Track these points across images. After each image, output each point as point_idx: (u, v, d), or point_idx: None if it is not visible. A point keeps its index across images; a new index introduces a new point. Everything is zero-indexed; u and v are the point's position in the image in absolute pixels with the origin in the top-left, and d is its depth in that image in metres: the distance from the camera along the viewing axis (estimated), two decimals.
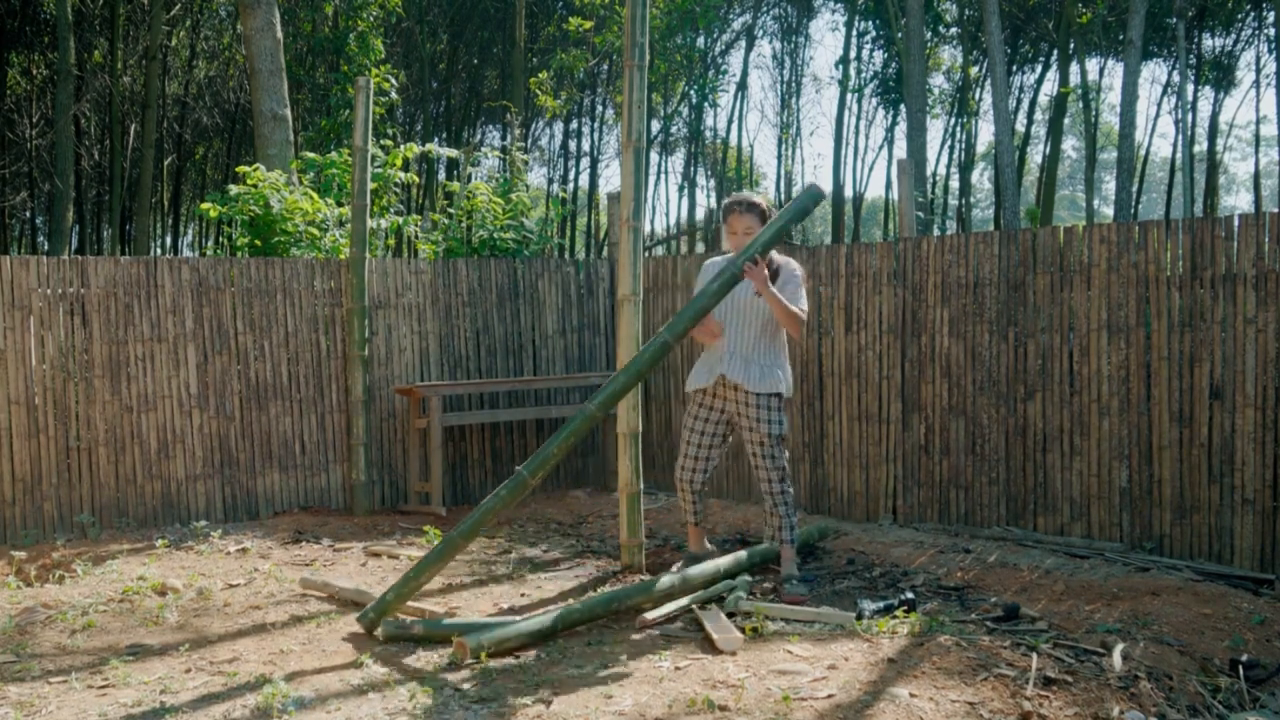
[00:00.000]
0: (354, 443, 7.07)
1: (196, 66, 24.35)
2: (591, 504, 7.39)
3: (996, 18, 14.02)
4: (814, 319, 6.91)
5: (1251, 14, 23.95)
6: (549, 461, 4.50)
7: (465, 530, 4.42)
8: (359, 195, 6.98)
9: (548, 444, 4.53)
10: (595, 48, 20.66)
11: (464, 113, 27.14)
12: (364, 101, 6.93)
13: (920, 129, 14.73)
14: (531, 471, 4.46)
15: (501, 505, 4.45)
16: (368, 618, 4.42)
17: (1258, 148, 28.03)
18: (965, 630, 4.17)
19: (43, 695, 3.76)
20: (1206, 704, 3.66)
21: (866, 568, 5.45)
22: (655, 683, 3.67)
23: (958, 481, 6.27)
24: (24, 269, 6.17)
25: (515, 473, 4.50)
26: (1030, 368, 5.98)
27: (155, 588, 5.11)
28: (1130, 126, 14.13)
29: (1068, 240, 5.87)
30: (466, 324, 7.66)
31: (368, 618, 4.42)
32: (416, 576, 4.39)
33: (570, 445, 4.56)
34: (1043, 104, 30.41)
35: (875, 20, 23.52)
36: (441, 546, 4.42)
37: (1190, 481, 5.46)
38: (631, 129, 5.26)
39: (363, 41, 15.69)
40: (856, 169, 49.81)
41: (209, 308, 6.72)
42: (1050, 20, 22.61)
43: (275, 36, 10.42)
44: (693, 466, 5.25)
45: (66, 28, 16.74)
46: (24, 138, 20.41)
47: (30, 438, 6.15)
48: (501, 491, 4.45)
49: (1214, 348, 5.36)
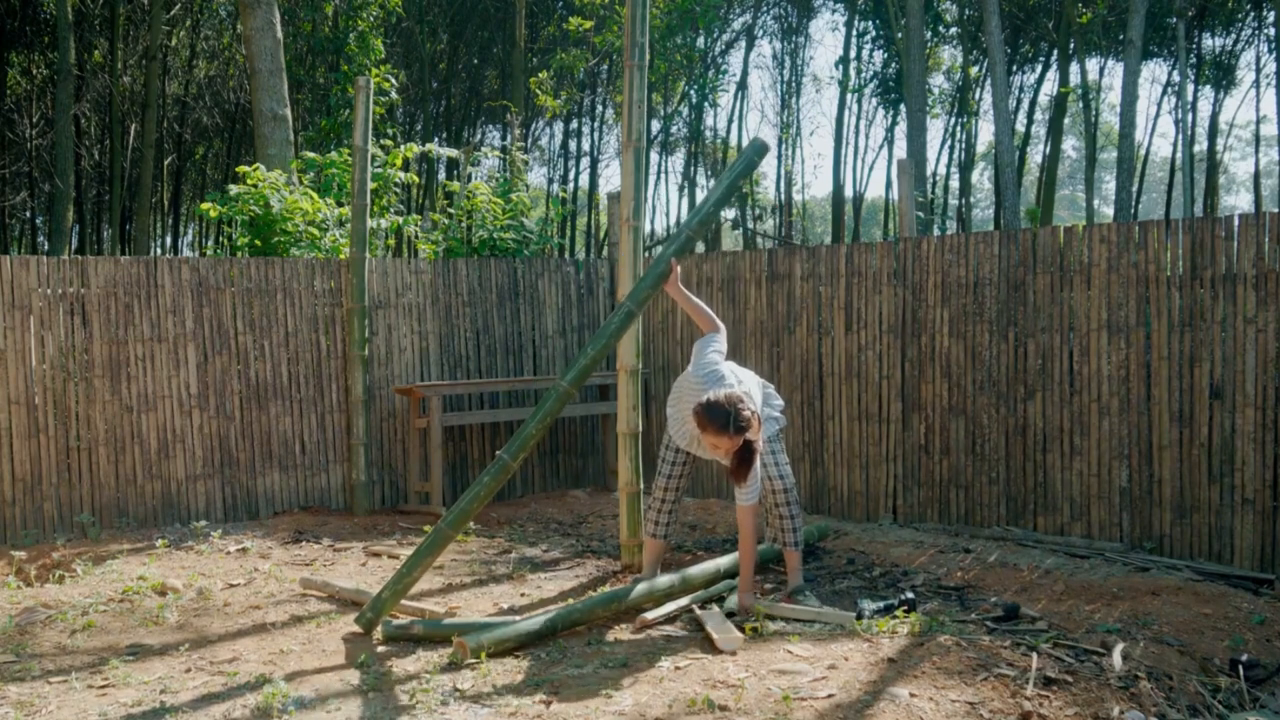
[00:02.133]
0: (354, 443, 7.07)
1: (196, 66, 24.34)
2: (591, 504, 7.39)
3: (996, 18, 14.02)
4: (814, 319, 6.92)
5: (1251, 14, 23.94)
6: (529, 442, 4.46)
7: (453, 520, 4.38)
8: (359, 195, 6.98)
9: (525, 425, 4.49)
10: (595, 48, 20.65)
11: (464, 113, 27.13)
12: (364, 101, 6.93)
13: (920, 129, 14.73)
14: (513, 455, 4.43)
15: (486, 492, 4.41)
16: (365, 618, 4.41)
17: (1258, 148, 28.03)
18: (965, 630, 4.17)
19: (43, 695, 3.76)
20: (1206, 704, 3.66)
21: (866, 568, 5.45)
22: (655, 683, 3.67)
23: (958, 481, 6.27)
24: (24, 269, 6.17)
25: (496, 457, 4.47)
26: (1030, 368, 5.98)
27: (155, 588, 5.11)
28: (1130, 126, 14.13)
29: (1068, 240, 5.87)
30: (466, 324, 7.66)
31: (365, 618, 4.41)
32: (409, 572, 4.38)
33: (547, 424, 4.52)
34: (1043, 104, 30.41)
35: (875, 20, 23.51)
36: (431, 539, 4.39)
37: (1190, 481, 5.46)
38: (631, 129, 5.27)
39: (363, 41, 15.68)
40: (856, 169, 49.81)
41: (209, 308, 6.72)
42: (1050, 20, 22.61)
43: (275, 36, 10.42)
44: (667, 497, 4.98)
45: (66, 28, 16.74)
46: (24, 138, 20.41)
47: (30, 438, 6.15)
48: (485, 478, 4.41)
49: (1214, 348, 5.36)
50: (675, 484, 4.99)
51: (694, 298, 4.96)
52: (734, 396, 4.30)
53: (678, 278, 4.87)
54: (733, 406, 4.25)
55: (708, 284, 7.59)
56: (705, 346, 4.76)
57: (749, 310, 7.32)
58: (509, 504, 7.56)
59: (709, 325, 4.87)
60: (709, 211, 4.92)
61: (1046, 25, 23.00)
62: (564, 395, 4.55)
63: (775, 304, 7.16)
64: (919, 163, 14.38)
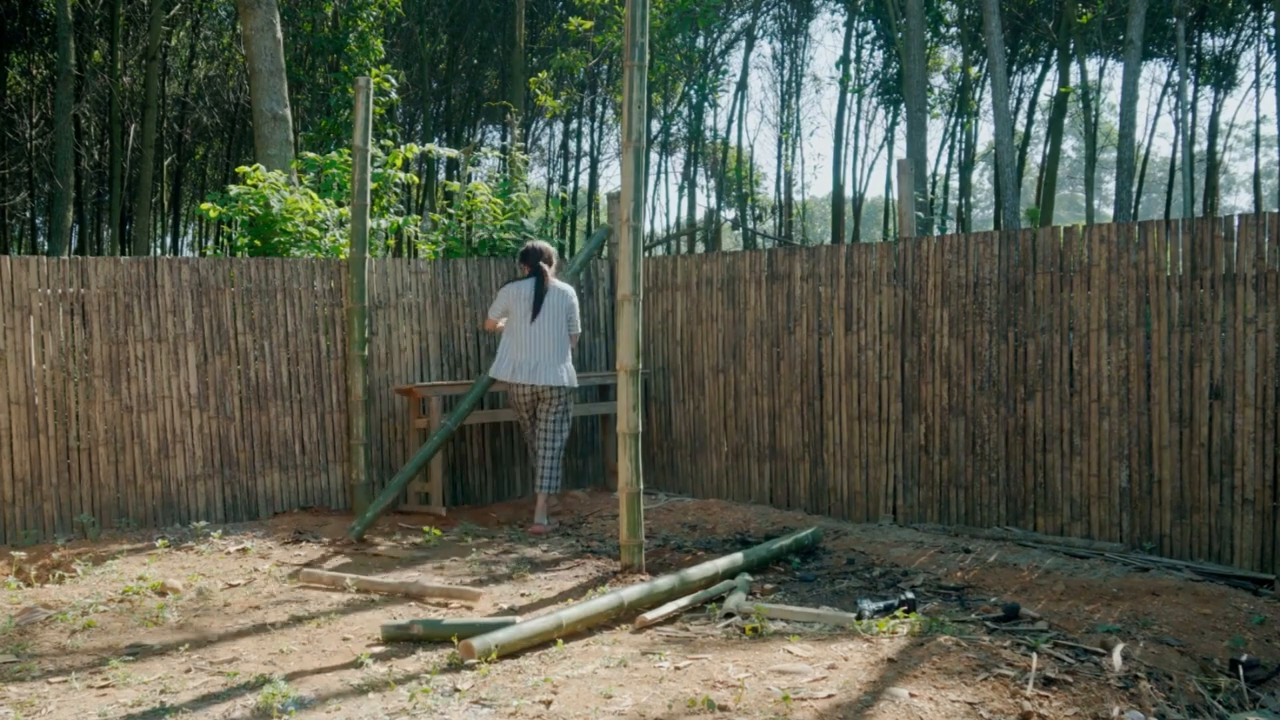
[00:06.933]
0: (354, 443, 7.07)
1: (196, 66, 24.34)
2: (591, 504, 7.38)
3: (996, 18, 14.01)
4: (814, 319, 6.92)
5: (1251, 14, 23.94)
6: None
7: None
8: (359, 195, 6.98)
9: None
10: (595, 48, 20.64)
11: (464, 113, 27.12)
12: (364, 101, 6.93)
13: (920, 129, 14.72)
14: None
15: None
16: (355, 531, 6.09)
17: (1258, 148, 28.01)
18: (965, 630, 4.17)
19: (43, 695, 3.76)
20: (1206, 704, 3.66)
21: (866, 568, 5.45)
22: (655, 683, 3.67)
23: (958, 481, 6.28)
24: (24, 269, 6.17)
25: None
26: (1030, 368, 5.98)
27: (155, 588, 5.11)
28: (1130, 126, 14.12)
29: (1068, 240, 5.87)
30: (466, 324, 7.66)
31: (355, 531, 6.09)
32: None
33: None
34: (1043, 104, 30.40)
35: (875, 20, 23.50)
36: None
37: (1190, 481, 5.46)
38: (631, 129, 5.26)
39: (363, 41, 15.68)
40: (856, 169, 49.83)
41: (209, 308, 6.72)
42: (1050, 20, 22.60)
43: (275, 36, 10.42)
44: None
45: (66, 28, 16.74)
46: (24, 138, 20.40)
47: (30, 438, 6.15)
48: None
49: (1214, 348, 5.36)
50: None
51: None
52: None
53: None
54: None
55: (708, 284, 7.59)
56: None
57: (749, 310, 7.32)
58: (509, 504, 7.56)
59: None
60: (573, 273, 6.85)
61: (1046, 25, 22.99)
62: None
63: (775, 304, 7.16)
64: (919, 163, 14.38)
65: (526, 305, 6.67)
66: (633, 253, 5.29)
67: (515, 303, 6.69)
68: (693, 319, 7.73)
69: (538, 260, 6.72)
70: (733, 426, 7.47)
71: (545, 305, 6.67)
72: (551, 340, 6.69)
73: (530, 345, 6.65)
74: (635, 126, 5.27)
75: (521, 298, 6.69)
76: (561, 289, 6.82)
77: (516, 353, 6.67)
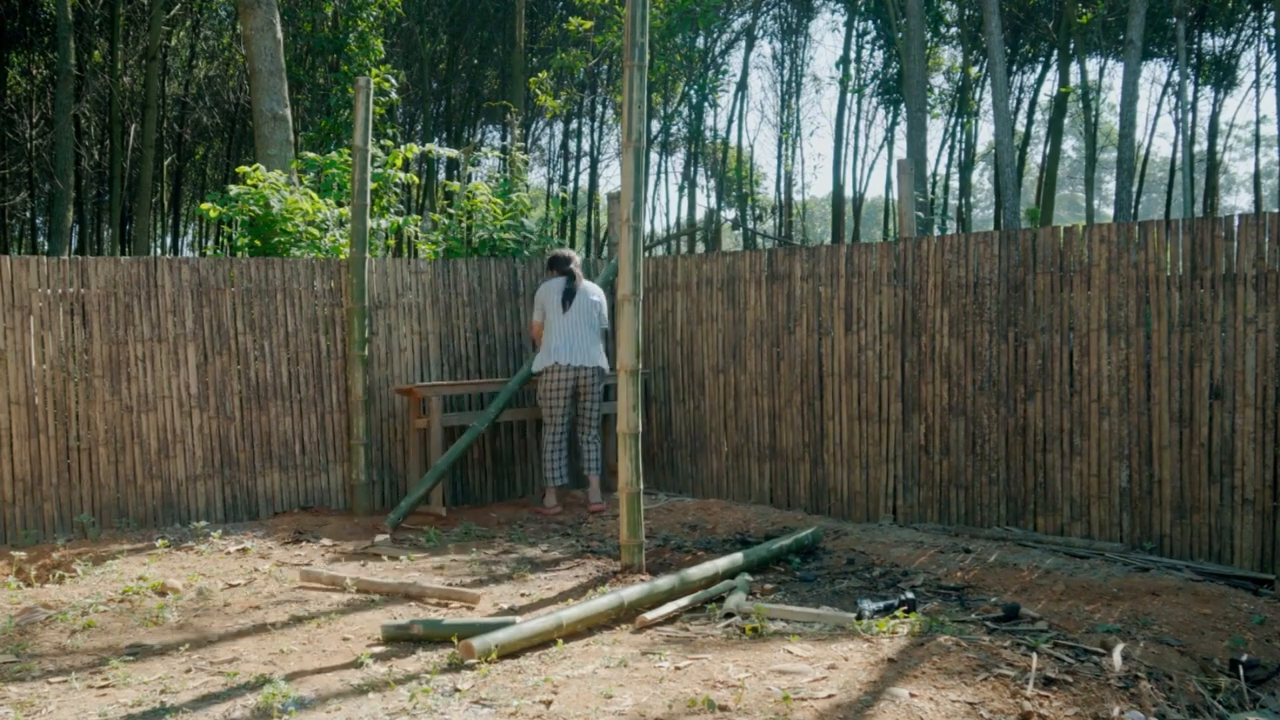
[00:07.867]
0: (354, 443, 7.07)
1: (196, 67, 24.33)
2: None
3: (996, 18, 14.01)
4: (814, 319, 6.92)
5: (1251, 14, 23.94)
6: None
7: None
8: (359, 195, 6.98)
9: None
10: (595, 48, 20.64)
11: (464, 113, 27.12)
12: (364, 101, 6.93)
13: (920, 129, 14.72)
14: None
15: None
16: (391, 520, 6.48)
17: (1258, 148, 28.00)
18: (965, 630, 4.17)
19: (43, 695, 3.76)
20: (1206, 704, 3.66)
21: (866, 568, 5.45)
22: (655, 683, 3.67)
23: (958, 481, 6.28)
24: (24, 269, 6.17)
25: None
26: (1030, 368, 5.98)
27: (155, 588, 5.11)
28: (1130, 126, 14.12)
29: (1068, 240, 5.87)
30: (466, 324, 7.66)
31: (391, 520, 6.48)
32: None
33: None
34: (1043, 104, 30.40)
35: (875, 20, 23.49)
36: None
37: (1190, 481, 5.46)
38: (631, 129, 5.26)
39: (363, 41, 15.68)
40: (856, 169, 49.85)
41: (209, 308, 6.72)
42: (1050, 20, 22.60)
43: (275, 36, 10.42)
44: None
45: (66, 28, 16.73)
46: (24, 138, 20.40)
47: (30, 438, 6.15)
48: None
49: (1214, 348, 5.36)
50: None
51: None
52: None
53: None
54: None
55: (708, 284, 7.60)
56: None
57: (749, 310, 7.32)
58: (509, 504, 7.56)
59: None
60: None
61: (1046, 25, 23.00)
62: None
63: (775, 304, 7.16)
64: (919, 163, 14.38)
65: (558, 299, 7.13)
66: (633, 253, 5.29)
67: (548, 298, 7.17)
68: (693, 319, 7.73)
69: (566, 265, 7.23)
70: (733, 426, 7.47)
71: (576, 298, 7.12)
72: (585, 327, 7.15)
73: (565, 332, 7.09)
74: (635, 126, 5.27)
75: (553, 292, 7.17)
76: (591, 286, 7.31)
77: (554, 339, 7.10)
